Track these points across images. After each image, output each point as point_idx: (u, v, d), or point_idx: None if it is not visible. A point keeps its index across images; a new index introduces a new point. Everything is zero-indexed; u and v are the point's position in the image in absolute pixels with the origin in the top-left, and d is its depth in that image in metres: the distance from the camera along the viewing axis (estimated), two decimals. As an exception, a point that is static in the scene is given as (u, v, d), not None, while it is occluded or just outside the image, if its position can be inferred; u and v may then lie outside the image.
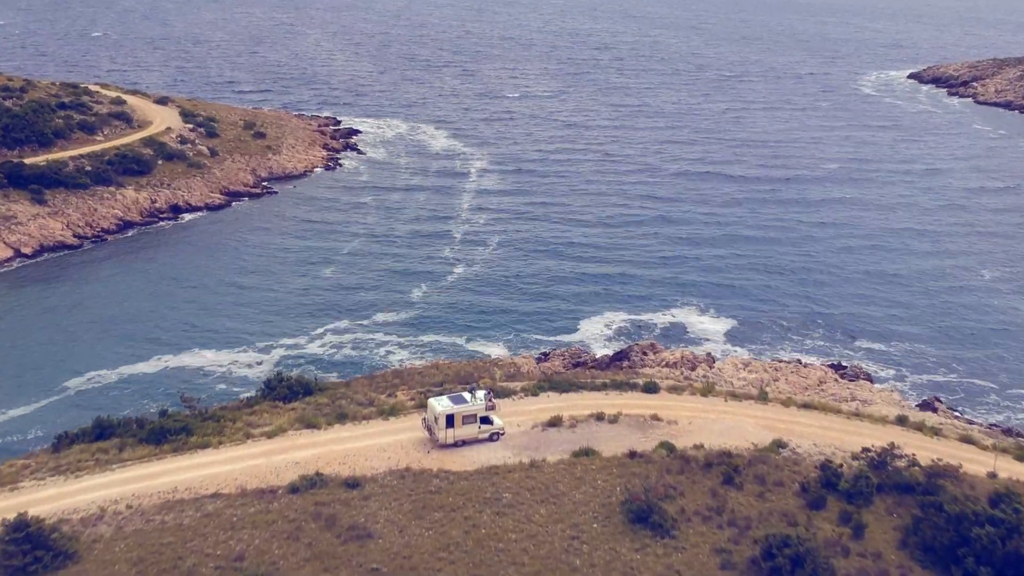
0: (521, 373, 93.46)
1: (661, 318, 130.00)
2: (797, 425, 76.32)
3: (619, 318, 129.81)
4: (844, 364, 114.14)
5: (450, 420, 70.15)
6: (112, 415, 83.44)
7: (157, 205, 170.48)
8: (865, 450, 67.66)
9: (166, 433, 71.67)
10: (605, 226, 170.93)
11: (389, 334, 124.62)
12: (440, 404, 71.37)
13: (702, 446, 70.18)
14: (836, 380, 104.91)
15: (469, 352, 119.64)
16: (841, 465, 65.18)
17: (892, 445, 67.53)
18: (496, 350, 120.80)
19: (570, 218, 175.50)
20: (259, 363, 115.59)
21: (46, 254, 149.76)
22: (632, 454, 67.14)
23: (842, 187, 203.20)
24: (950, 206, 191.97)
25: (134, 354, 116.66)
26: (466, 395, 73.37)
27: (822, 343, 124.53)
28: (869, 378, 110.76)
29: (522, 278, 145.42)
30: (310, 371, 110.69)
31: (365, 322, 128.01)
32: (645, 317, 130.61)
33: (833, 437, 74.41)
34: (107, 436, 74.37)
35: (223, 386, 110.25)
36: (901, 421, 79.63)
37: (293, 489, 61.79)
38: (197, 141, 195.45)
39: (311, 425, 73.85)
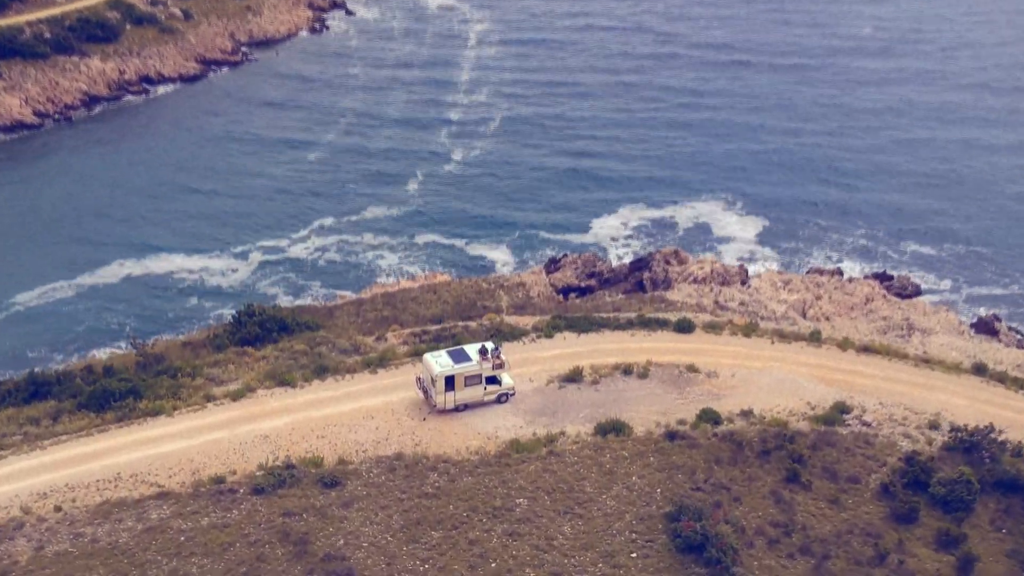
0: (531, 299, 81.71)
1: (684, 215, 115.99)
2: (858, 377, 63.83)
3: (636, 215, 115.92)
4: (890, 274, 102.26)
5: (450, 382, 57.74)
6: (48, 367, 72.72)
7: (126, 77, 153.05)
8: (955, 431, 55.51)
9: (110, 397, 59.38)
10: (621, 109, 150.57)
11: (380, 235, 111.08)
12: (438, 363, 58.64)
13: (751, 412, 58.09)
14: (885, 297, 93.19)
15: (470, 258, 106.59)
16: (931, 458, 52.79)
17: (991, 428, 55.50)
18: (500, 255, 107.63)
19: (583, 99, 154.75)
20: (234, 270, 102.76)
21: (2, 135, 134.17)
22: (671, 435, 54.84)
23: (888, 61, 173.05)
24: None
25: (93, 259, 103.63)
26: (468, 349, 62.05)
27: (864, 243, 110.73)
28: (918, 290, 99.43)
29: (528, 168, 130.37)
30: (289, 282, 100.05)
31: (353, 218, 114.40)
32: (666, 214, 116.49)
33: (901, 393, 62.08)
34: (41, 396, 62.57)
35: (194, 300, 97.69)
36: (979, 371, 66.66)
37: (257, 490, 49.78)
38: (169, 2, 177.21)
39: (284, 382, 61.51)
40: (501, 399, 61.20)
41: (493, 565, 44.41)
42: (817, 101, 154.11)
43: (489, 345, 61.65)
